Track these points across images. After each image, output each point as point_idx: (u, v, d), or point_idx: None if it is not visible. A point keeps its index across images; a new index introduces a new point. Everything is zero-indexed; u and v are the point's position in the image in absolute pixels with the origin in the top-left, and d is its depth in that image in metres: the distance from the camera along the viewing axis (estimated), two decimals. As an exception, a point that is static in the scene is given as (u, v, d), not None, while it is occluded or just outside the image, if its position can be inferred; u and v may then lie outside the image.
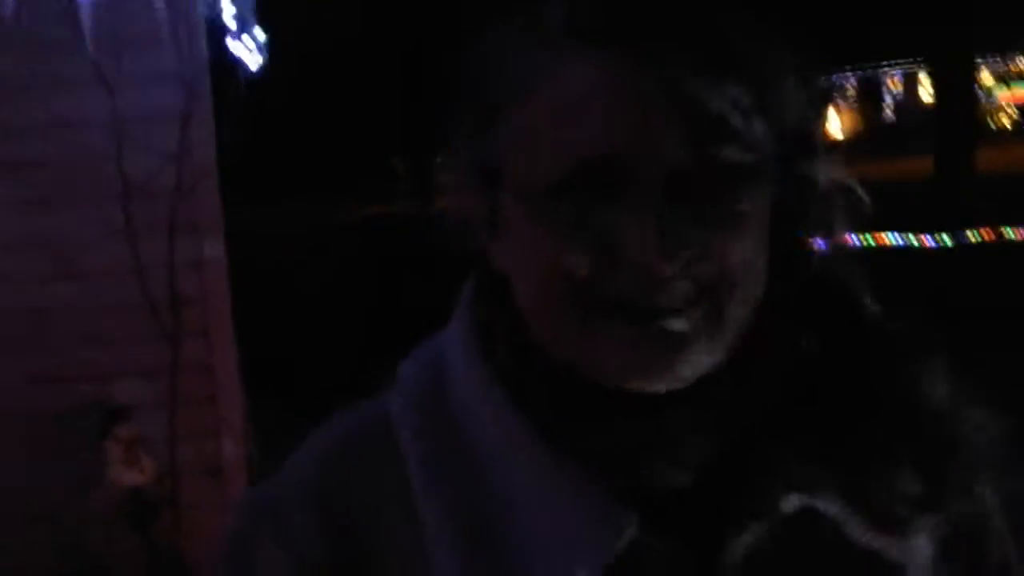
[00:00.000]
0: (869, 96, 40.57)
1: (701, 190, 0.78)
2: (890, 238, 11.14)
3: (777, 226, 0.84)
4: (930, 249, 11.39)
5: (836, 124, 39.26)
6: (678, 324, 0.79)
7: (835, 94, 40.04)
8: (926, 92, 29.00)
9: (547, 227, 0.79)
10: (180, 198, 4.09)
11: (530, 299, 0.83)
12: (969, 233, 11.34)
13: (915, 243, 11.34)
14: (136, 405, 4.18)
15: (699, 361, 0.80)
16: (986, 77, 37.00)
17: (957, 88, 17.56)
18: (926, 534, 0.86)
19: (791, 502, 0.83)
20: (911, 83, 38.73)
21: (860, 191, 0.88)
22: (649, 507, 0.82)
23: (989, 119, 35.36)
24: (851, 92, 40.99)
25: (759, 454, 0.84)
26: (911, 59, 35.18)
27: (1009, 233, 11.41)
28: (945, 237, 11.31)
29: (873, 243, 11.18)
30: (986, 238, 11.45)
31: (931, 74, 23.38)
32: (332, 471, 0.88)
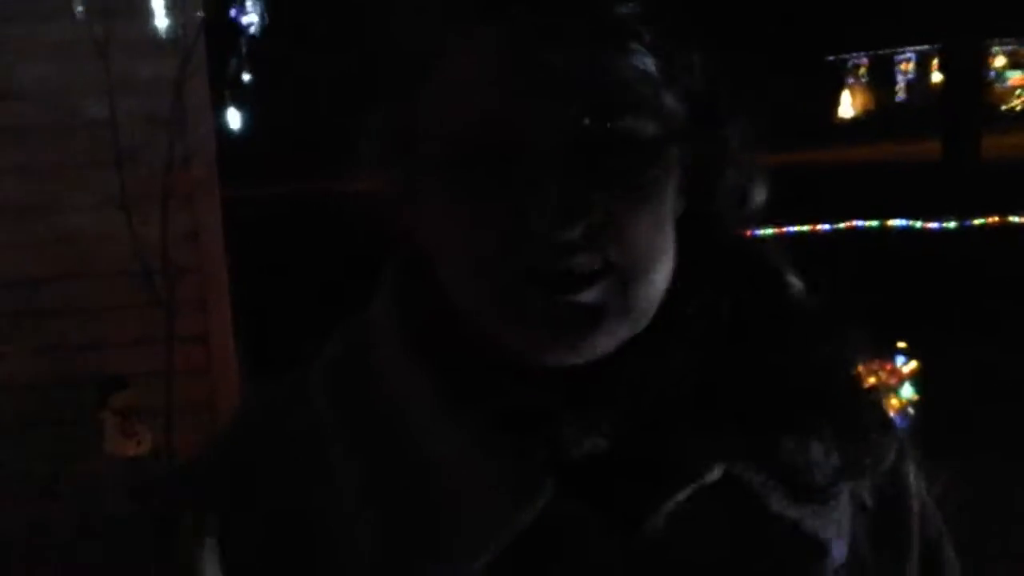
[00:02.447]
0: (882, 76, 40.46)
1: (604, 159, 0.79)
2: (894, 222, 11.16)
3: (688, 200, 0.86)
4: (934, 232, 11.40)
5: (847, 103, 39.25)
6: (588, 297, 0.79)
7: (847, 74, 40.03)
8: (939, 74, 28.89)
9: (456, 197, 0.81)
10: (174, 167, 4.05)
11: (447, 271, 0.84)
12: (975, 221, 11.33)
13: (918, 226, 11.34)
14: (131, 375, 4.15)
15: (611, 335, 0.81)
16: (999, 60, 36.94)
17: (966, 73, 17.54)
18: (844, 507, 0.88)
19: (713, 471, 0.84)
20: (924, 65, 38.58)
21: (766, 179, 0.90)
22: (570, 475, 0.82)
23: (1001, 103, 35.32)
24: (863, 72, 40.89)
25: (682, 423, 0.84)
26: (923, 43, 35.11)
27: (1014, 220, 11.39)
28: (951, 223, 11.30)
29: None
30: (990, 223, 11.44)
31: (940, 59, 23.37)
32: (249, 444, 0.89)
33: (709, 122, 0.85)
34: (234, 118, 4.43)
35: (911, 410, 3.82)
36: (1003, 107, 34.62)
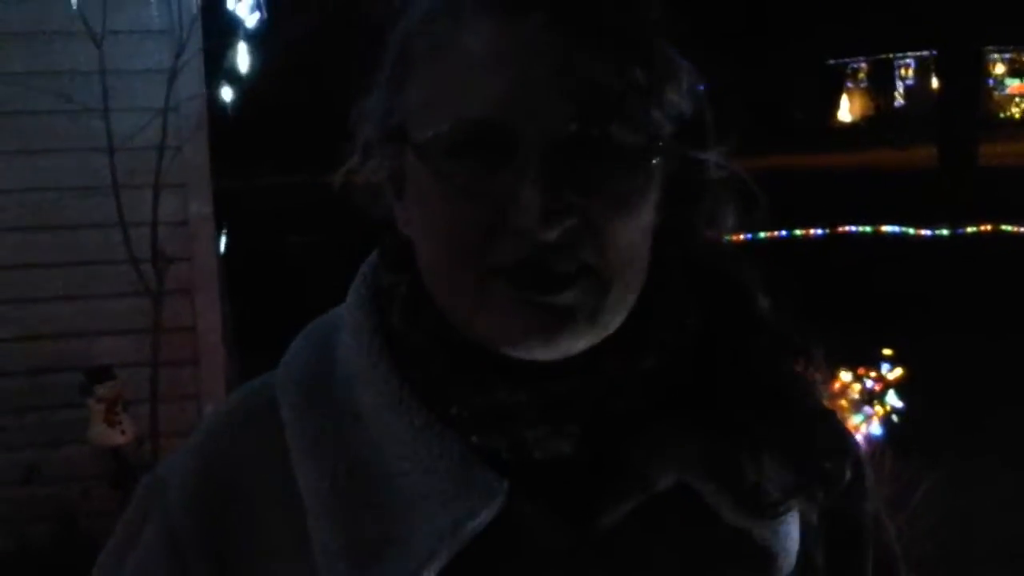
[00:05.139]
0: (881, 81, 40.50)
1: (587, 165, 0.80)
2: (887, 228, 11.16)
3: (668, 214, 0.87)
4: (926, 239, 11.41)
5: (846, 107, 39.28)
6: (562, 299, 0.81)
7: (847, 78, 40.06)
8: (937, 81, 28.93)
9: (442, 188, 0.82)
10: (165, 154, 4.04)
11: (428, 260, 0.85)
12: (968, 228, 11.33)
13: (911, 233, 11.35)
14: (117, 364, 4.15)
15: (581, 337, 0.83)
16: (998, 68, 37.01)
17: (964, 79, 17.53)
18: (795, 521, 0.89)
19: (667, 478, 0.85)
20: (924, 70, 38.62)
21: (754, 187, 0.91)
22: (528, 476, 0.84)
23: (1000, 110, 35.40)
24: (863, 76, 40.93)
25: (640, 430, 0.86)
26: (921, 49, 35.14)
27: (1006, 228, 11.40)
28: (943, 231, 11.31)
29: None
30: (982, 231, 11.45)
31: (939, 65, 23.38)
32: (214, 446, 0.90)
33: (691, 142, 0.87)
34: (227, 107, 4.41)
35: (895, 418, 3.84)
36: (1002, 115, 34.69)
